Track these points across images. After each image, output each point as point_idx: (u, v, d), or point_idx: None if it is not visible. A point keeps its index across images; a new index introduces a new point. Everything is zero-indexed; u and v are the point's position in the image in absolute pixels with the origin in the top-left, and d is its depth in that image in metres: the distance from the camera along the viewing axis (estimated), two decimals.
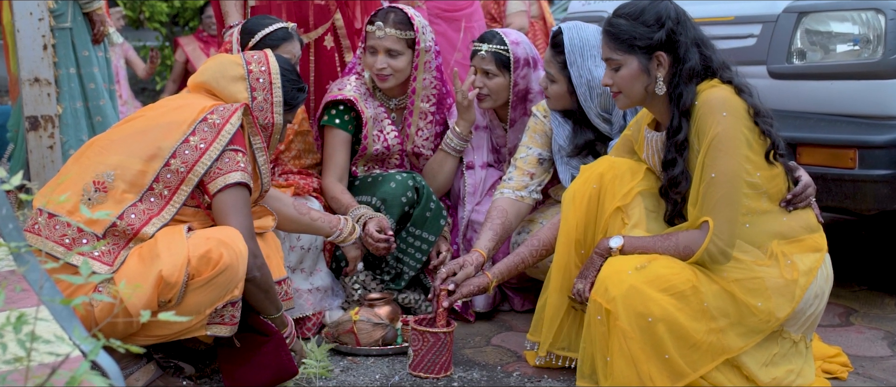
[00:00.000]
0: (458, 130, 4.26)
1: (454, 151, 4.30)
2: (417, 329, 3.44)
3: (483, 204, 4.28)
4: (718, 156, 3.00)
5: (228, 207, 3.10)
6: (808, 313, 3.13)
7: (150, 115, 3.23)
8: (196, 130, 3.12)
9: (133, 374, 3.14)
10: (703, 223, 3.03)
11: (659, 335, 2.95)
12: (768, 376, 3.08)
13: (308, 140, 4.25)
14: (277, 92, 3.32)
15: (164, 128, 3.13)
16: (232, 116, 3.16)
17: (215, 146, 3.11)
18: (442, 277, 3.54)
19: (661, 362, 2.96)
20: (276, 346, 3.22)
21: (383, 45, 4.16)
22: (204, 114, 3.14)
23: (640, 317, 2.95)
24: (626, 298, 2.96)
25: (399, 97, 4.36)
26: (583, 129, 3.87)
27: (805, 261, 3.12)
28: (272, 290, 3.23)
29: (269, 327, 3.24)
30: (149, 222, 3.05)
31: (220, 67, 3.31)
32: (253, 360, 3.19)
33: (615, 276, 3.01)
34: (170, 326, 3.02)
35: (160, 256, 2.94)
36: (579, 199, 3.30)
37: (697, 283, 3.00)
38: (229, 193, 3.11)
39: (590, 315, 3.09)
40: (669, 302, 2.96)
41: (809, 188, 3.22)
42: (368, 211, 3.98)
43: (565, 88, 3.80)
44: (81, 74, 5.47)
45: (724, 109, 3.01)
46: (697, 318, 2.98)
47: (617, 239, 3.14)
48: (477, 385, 3.37)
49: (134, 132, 3.17)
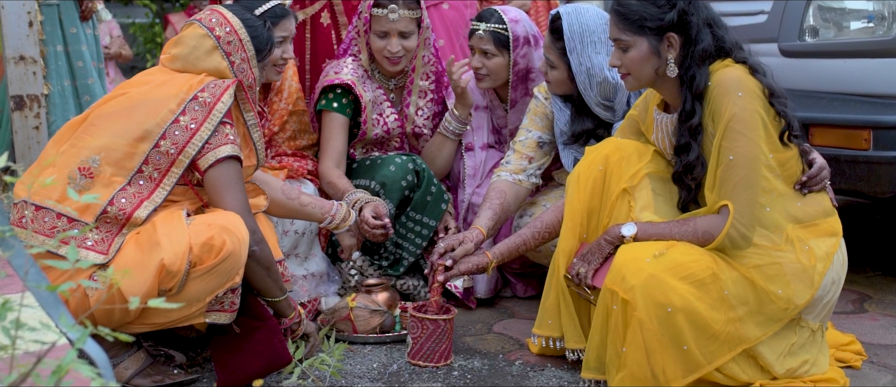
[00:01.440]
0: (456, 112, 4.24)
1: (453, 135, 4.29)
2: (416, 316, 3.44)
3: (483, 186, 4.27)
4: (736, 138, 2.98)
5: (221, 183, 3.10)
6: (826, 300, 3.13)
7: (134, 92, 3.20)
8: (186, 108, 3.10)
9: (122, 363, 3.14)
10: (721, 208, 3.02)
11: (678, 326, 2.93)
12: (783, 367, 3.08)
13: (304, 120, 4.23)
14: (249, 46, 3.29)
15: (150, 106, 3.11)
16: (223, 93, 3.14)
17: (206, 126, 3.10)
18: (439, 251, 3.54)
19: (678, 354, 2.94)
20: (269, 333, 3.21)
21: (397, 27, 4.14)
22: (194, 91, 3.13)
23: (660, 307, 2.93)
24: (646, 287, 2.94)
25: (398, 78, 4.34)
26: (582, 117, 3.85)
27: (821, 246, 3.11)
28: (274, 267, 3.23)
29: (263, 312, 3.23)
30: (140, 206, 3.04)
31: (189, 48, 3.26)
32: (245, 347, 3.19)
33: (633, 264, 2.99)
34: (168, 313, 3.02)
35: (160, 243, 2.93)
36: (584, 181, 3.29)
37: (717, 270, 2.99)
38: (221, 168, 3.10)
39: (602, 305, 3.08)
40: (689, 291, 2.95)
41: (824, 171, 3.21)
42: (365, 195, 3.96)
43: (565, 75, 3.78)
44: (69, 52, 5.46)
45: (739, 90, 3.00)
46: (717, 307, 2.97)
47: (629, 226, 3.12)
48: (478, 374, 3.37)
49: (118, 111, 3.14)
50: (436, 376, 3.34)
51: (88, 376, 1.58)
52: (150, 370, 3.19)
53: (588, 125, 3.84)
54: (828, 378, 3.15)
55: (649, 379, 2.97)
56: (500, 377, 3.34)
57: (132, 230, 3.04)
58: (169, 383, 3.20)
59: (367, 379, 3.30)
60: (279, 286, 3.27)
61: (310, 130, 4.26)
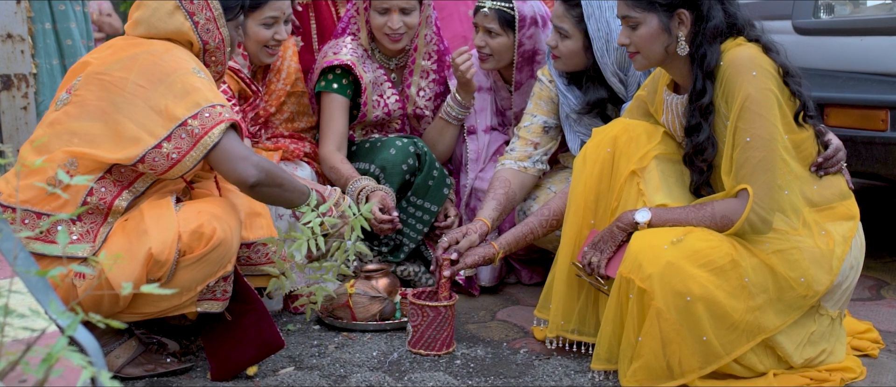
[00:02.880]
0: (458, 97, 4.21)
1: (454, 120, 4.26)
2: (416, 303, 3.43)
3: (487, 171, 4.26)
4: (752, 118, 2.97)
5: (227, 156, 3.02)
6: (845, 286, 3.12)
7: (116, 77, 3.05)
8: (172, 135, 2.97)
9: (113, 351, 3.14)
10: (740, 191, 3.01)
11: (697, 316, 2.92)
12: (802, 356, 3.07)
13: (303, 101, 4.22)
14: (215, 4, 3.22)
15: (132, 113, 2.99)
16: (213, 128, 2.98)
17: (191, 157, 2.98)
18: (444, 246, 3.53)
19: (697, 345, 2.94)
20: (258, 318, 3.20)
21: (398, 3, 4.12)
22: (185, 117, 2.97)
23: (679, 296, 2.92)
24: (664, 275, 2.92)
25: (399, 57, 4.33)
26: (596, 85, 3.83)
27: (838, 230, 3.11)
28: (286, 181, 3.14)
29: (249, 295, 3.21)
30: (119, 195, 3.02)
31: (150, 10, 3.17)
32: (236, 335, 3.18)
33: (650, 251, 2.97)
34: (158, 303, 3.02)
35: (148, 231, 2.92)
36: (591, 163, 3.28)
37: (737, 256, 2.98)
38: (220, 147, 3.01)
39: (616, 294, 3.07)
40: (708, 279, 2.94)
41: (841, 152, 3.20)
42: (371, 183, 3.94)
43: (580, 44, 3.75)
44: (57, 30, 5.44)
45: (753, 69, 2.98)
46: (736, 295, 2.96)
47: (643, 212, 3.11)
48: (481, 363, 3.37)
49: (97, 107, 3.04)
50: (437, 365, 3.34)
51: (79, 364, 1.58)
52: (142, 359, 3.19)
53: (602, 93, 3.81)
54: (844, 367, 3.14)
55: (664, 371, 2.96)
56: (504, 366, 3.33)
57: (118, 219, 3.03)
58: (162, 372, 3.20)
59: (367, 368, 3.30)
60: (299, 191, 3.18)
61: (309, 113, 4.25)
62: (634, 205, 3.16)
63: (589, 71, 3.79)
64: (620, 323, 3.06)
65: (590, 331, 3.34)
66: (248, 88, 3.87)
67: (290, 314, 3.87)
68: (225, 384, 3.15)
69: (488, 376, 3.24)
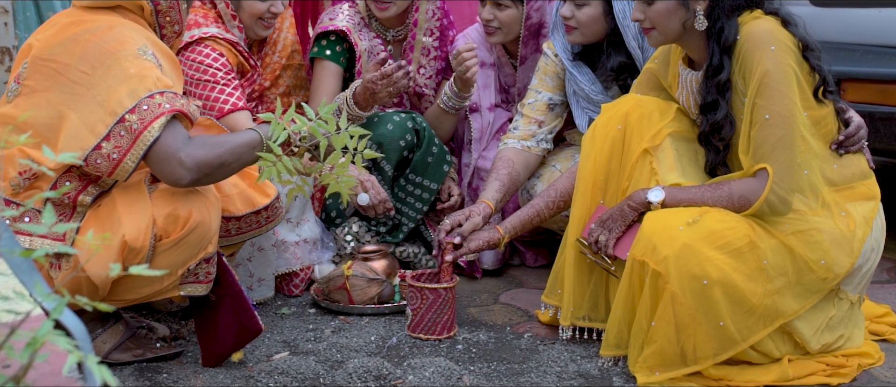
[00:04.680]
0: (456, 88, 4.14)
1: (452, 110, 4.22)
2: (416, 285, 3.43)
3: (490, 149, 4.23)
4: (771, 95, 2.95)
5: (161, 156, 2.91)
6: (865, 268, 3.12)
7: (61, 62, 2.96)
8: (111, 133, 2.88)
9: (100, 336, 3.13)
10: (758, 171, 3.00)
11: (714, 300, 2.92)
12: (820, 342, 3.07)
13: (300, 75, 4.20)
14: None
15: (77, 105, 2.91)
16: (153, 122, 2.87)
17: (131, 156, 2.89)
18: (446, 229, 3.51)
19: (713, 331, 2.93)
20: (232, 303, 3.17)
21: None
22: (123, 111, 2.87)
23: (695, 280, 2.91)
24: (679, 258, 2.91)
25: (397, 28, 4.30)
26: (616, 51, 3.78)
27: (859, 210, 3.10)
28: (227, 156, 2.95)
29: (225, 278, 3.17)
30: (84, 190, 2.99)
31: None
32: (217, 321, 3.17)
33: (664, 232, 2.96)
34: (138, 288, 3.01)
35: (121, 219, 2.91)
36: (601, 140, 3.26)
37: (755, 238, 2.97)
38: (158, 145, 2.89)
39: (627, 278, 3.06)
40: (726, 262, 2.93)
41: (862, 130, 3.19)
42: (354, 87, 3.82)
43: (599, 10, 3.71)
44: (38, 2, 5.43)
45: (771, 43, 2.97)
46: (754, 278, 2.95)
47: (657, 191, 3.09)
48: (484, 348, 3.36)
49: (44, 99, 2.95)
50: (438, 350, 3.34)
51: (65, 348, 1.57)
52: (130, 344, 3.19)
53: (623, 58, 3.77)
54: (862, 352, 3.15)
55: (677, 358, 2.96)
56: (507, 351, 3.33)
57: (87, 211, 3.00)
58: (150, 358, 3.20)
59: (364, 353, 3.30)
60: (250, 150, 2.99)
61: (306, 87, 4.23)
62: (646, 185, 3.14)
63: (609, 36, 3.75)
64: (632, 308, 3.06)
65: (601, 317, 3.33)
66: (246, 63, 3.85)
67: (284, 297, 3.87)
68: (216, 370, 3.14)
69: (491, 361, 3.24)
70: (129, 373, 3.10)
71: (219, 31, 3.75)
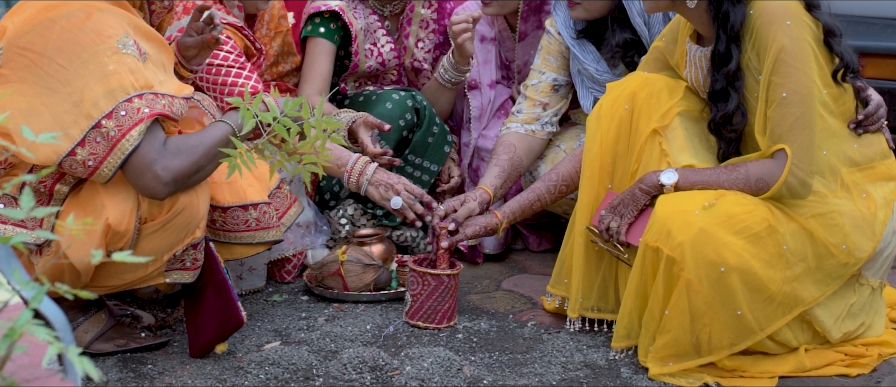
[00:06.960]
0: (453, 59, 4.12)
1: (449, 84, 4.20)
2: (416, 270, 3.41)
3: (491, 128, 4.22)
4: (788, 72, 2.94)
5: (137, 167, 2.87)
6: (886, 252, 3.11)
7: (36, 52, 2.89)
8: (86, 139, 2.82)
9: (81, 325, 3.12)
10: (776, 152, 2.98)
11: (731, 288, 2.91)
12: (840, 330, 3.06)
13: (287, 40, 4.18)
14: None
15: (52, 103, 2.85)
16: (132, 129, 2.83)
17: (108, 164, 2.84)
18: (440, 214, 3.50)
19: (730, 320, 2.92)
20: (215, 292, 3.16)
21: None
22: (99, 116, 2.82)
23: (712, 267, 2.90)
24: (696, 244, 2.90)
25: (394, 3, 4.28)
26: (621, 28, 3.76)
27: (879, 191, 3.09)
28: (203, 158, 2.93)
29: (209, 265, 3.16)
30: (61, 179, 2.97)
31: None
32: (201, 311, 3.17)
33: (679, 217, 2.94)
34: (122, 275, 3.00)
35: (104, 203, 2.89)
36: (607, 120, 3.24)
37: (774, 222, 2.95)
38: (137, 155, 2.85)
39: (639, 265, 3.04)
40: (744, 247, 2.92)
41: (882, 108, 3.19)
42: (351, 113, 3.83)
43: None
44: None
45: (787, 17, 2.95)
46: (773, 264, 2.94)
47: (669, 174, 3.07)
48: (485, 337, 3.35)
49: (20, 90, 2.88)
50: (437, 340, 3.33)
51: (45, 339, 1.56)
52: (113, 333, 3.18)
53: (628, 35, 3.75)
54: (882, 341, 3.15)
55: (691, 349, 2.95)
56: (510, 341, 3.32)
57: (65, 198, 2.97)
58: (134, 348, 3.19)
59: (360, 342, 3.29)
60: (223, 135, 2.97)
61: (293, 52, 4.21)
62: (657, 167, 3.12)
63: (613, 12, 3.73)
64: (644, 296, 3.04)
65: (610, 307, 3.32)
66: (253, 47, 3.83)
67: (275, 284, 3.86)
68: (203, 361, 3.13)
69: (493, 351, 3.23)
70: (112, 364, 3.09)
71: (222, 14, 3.73)
